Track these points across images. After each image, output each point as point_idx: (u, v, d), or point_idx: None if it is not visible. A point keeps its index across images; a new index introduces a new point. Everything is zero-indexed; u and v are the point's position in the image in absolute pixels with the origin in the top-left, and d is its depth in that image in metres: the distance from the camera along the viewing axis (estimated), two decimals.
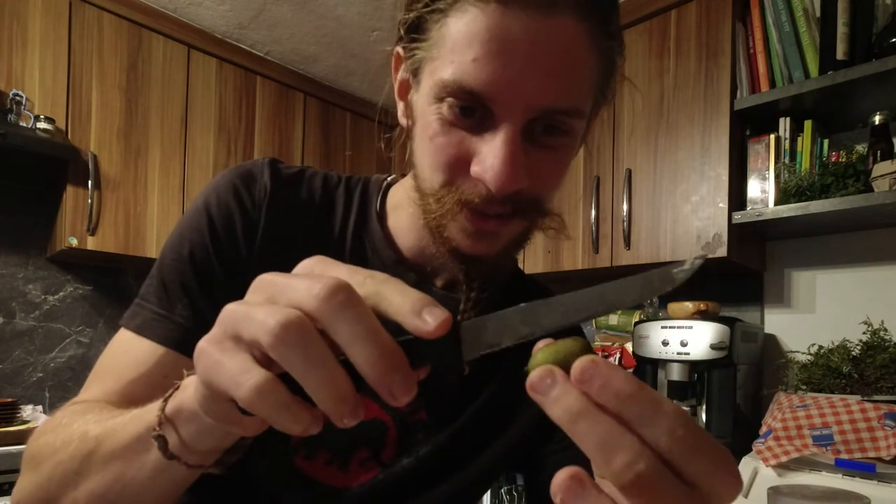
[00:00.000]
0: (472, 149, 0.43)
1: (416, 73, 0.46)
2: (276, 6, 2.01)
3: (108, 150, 1.88)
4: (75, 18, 1.81)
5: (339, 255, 0.53)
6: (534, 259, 1.97)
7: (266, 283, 0.27)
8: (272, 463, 0.51)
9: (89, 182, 1.80)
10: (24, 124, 1.66)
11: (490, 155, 0.42)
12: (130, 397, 0.47)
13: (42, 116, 1.70)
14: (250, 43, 2.23)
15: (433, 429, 0.55)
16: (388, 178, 0.59)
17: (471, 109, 0.42)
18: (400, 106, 0.51)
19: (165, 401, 0.34)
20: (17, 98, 1.66)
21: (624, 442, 0.22)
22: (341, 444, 0.52)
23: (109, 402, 0.47)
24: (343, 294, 0.24)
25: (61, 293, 2.07)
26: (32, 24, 1.73)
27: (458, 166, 0.44)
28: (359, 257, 0.54)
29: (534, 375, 0.24)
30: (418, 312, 0.24)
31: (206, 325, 0.46)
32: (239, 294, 0.48)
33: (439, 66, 0.42)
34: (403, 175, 0.58)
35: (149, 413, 0.35)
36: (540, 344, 0.26)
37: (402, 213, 0.55)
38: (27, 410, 1.79)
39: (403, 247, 0.55)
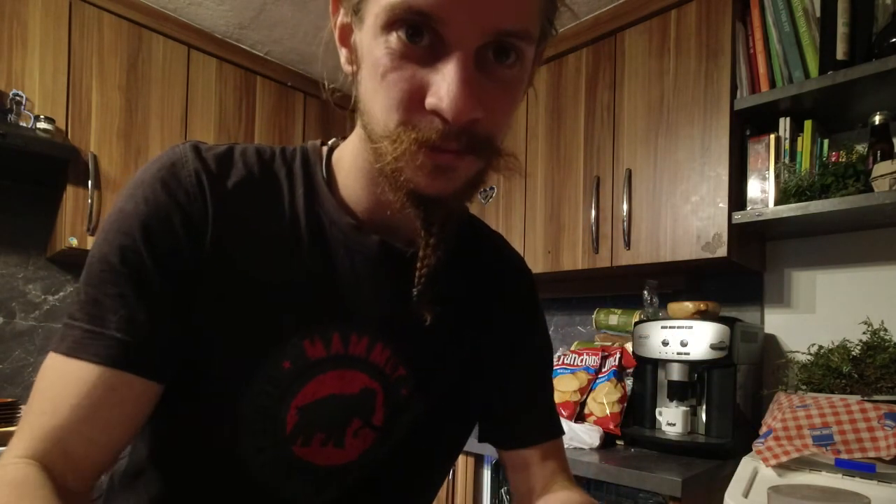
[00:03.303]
0: (425, 81, 0.42)
1: (357, 9, 0.44)
2: (276, 6, 2.01)
3: (108, 150, 1.87)
4: (75, 18, 1.81)
5: (295, 231, 0.52)
6: (534, 259, 1.96)
7: None
8: (269, 459, 0.51)
9: (89, 182, 1.80)
10: (24, 124, 1.66)
11: (445, 83, 0.40)
12: (73, 427, 0.44)
13: (42, 116, 1.69)
14: (250, 43, 2.23)
15: (414, 381, 0.55)
16: (329, 143, 0.57)
17: (420, 33, 0.40)
18: (342, 53, 0.49)
19: None
20: (17, 98, 1.66)
21: None
22: (335, 420, 0.52)
23: (49, 448, 0.43)
24: None
25: (61, 293, 2.07)
26: (32, 24, 1.73)
27: (412, 102, 0.42)
28: (316, 230, 0.52)
29: None
30: None
31: (145, 336, 0.46)
32: (188, 297, 0.48)
33: None
34: (343, 138, 0.56)
35: None
36: None
37: (351, 175, 0.53)
38: None
39: (358, 210, 0.54)
